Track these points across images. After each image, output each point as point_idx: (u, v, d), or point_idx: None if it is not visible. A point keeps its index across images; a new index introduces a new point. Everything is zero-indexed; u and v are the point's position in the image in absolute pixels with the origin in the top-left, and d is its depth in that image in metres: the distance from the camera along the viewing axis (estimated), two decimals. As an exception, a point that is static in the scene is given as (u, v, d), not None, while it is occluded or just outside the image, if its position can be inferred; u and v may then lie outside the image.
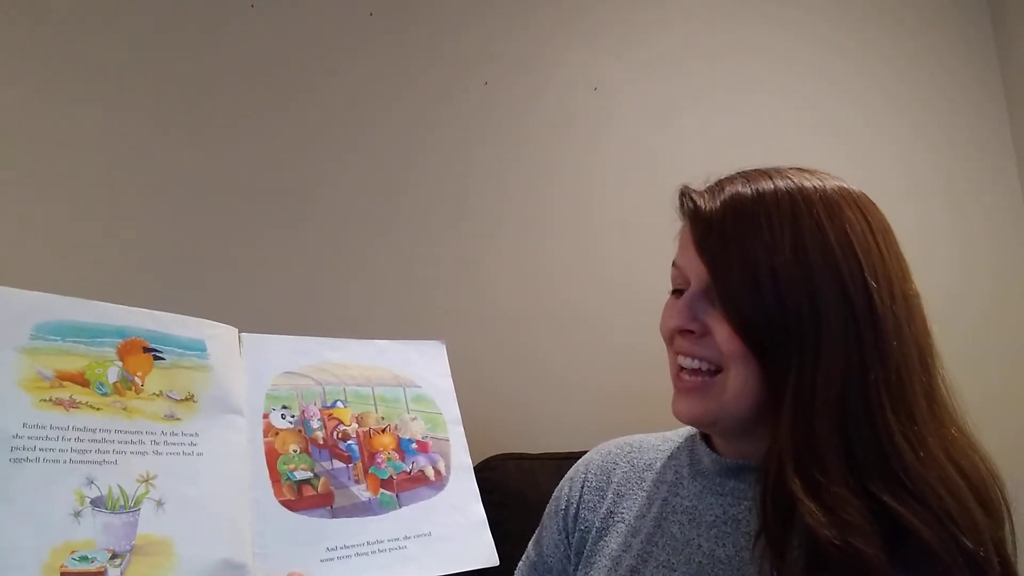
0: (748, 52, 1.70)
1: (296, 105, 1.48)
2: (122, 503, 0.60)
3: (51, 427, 0.59)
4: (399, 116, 1.52)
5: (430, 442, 0.80)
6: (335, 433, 0.74)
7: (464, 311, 1.49)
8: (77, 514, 0.58)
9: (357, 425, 0.76)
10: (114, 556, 0.58)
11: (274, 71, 1.48)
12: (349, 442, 0.75)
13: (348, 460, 0.74)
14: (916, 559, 0.58)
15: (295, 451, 0.71)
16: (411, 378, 0.83)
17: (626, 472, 0.82)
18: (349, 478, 0.73)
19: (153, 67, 1.43)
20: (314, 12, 1.51)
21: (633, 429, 0.92)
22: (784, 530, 0.61)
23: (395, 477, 0.75)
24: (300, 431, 0.73)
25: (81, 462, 0.59)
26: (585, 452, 0.90)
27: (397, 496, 0.74)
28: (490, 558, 0.76)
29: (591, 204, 1.58)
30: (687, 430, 0.82)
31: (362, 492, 0.73)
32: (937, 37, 1.81)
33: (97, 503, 0.59)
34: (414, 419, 0.80)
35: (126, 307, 0.67)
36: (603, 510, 0.80)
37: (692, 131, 1.63)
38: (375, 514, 0.72)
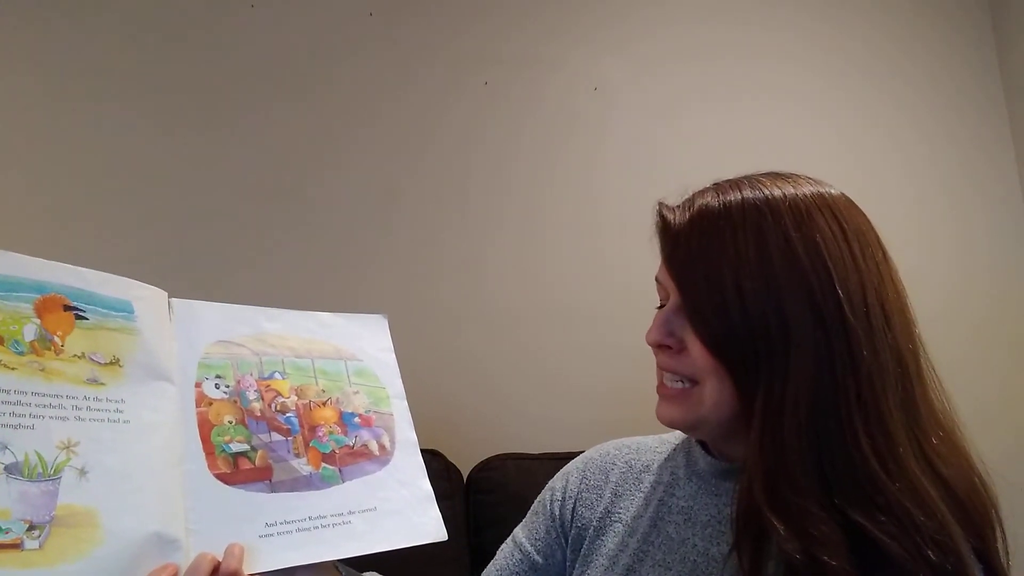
0: (749, 52, 1.70)
1: (296, 105, 1.48)
2: (40, 471, 0.55)
3: None
4: (399, 116, 1.52)
5: (373, 416, 0.76)
6: (273, 405, 0.71)
7: (464, 311, 1.49)
8: None
9: (296, 397, 0.72)
10: (32, 527, 0.53)
11: (274, 71, 1.48)
12: (288, 415, 0.71)
13: (287, 433, 0.70)
14: (889, 572, 0.58)
15: (230, 422, 0.67)
16: (352, 352, 0.79)
17: (624, 472, 0.82)
18: (288, 451, 0.69)
19: (152, 66, 1.43)
20: (314, 12, 1.51)
21: (633, 429, 0.92)
22: (758, 543, 0.61)
23: (337, 451, 0.72)
24: (236, 402, 0.69)
25: None
26: (584, 452, 0.90)
27: (340, 471, 0.71)
28: (438, 533, 0.74)
29: (591, 204, 1.58)
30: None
31: (303, 466, 0.69)
32: (937, 37, 1.81)
33: (12, 470, 0.54)
34: (356, 393, 0.76)
35: (45, 261, 0.62)
36: (600, 509, 0.80)
37: (692, 131, 1.63)
38: (317, 489, 0.69)
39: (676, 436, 0.84)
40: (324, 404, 0.74)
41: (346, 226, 1.47)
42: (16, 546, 0.53)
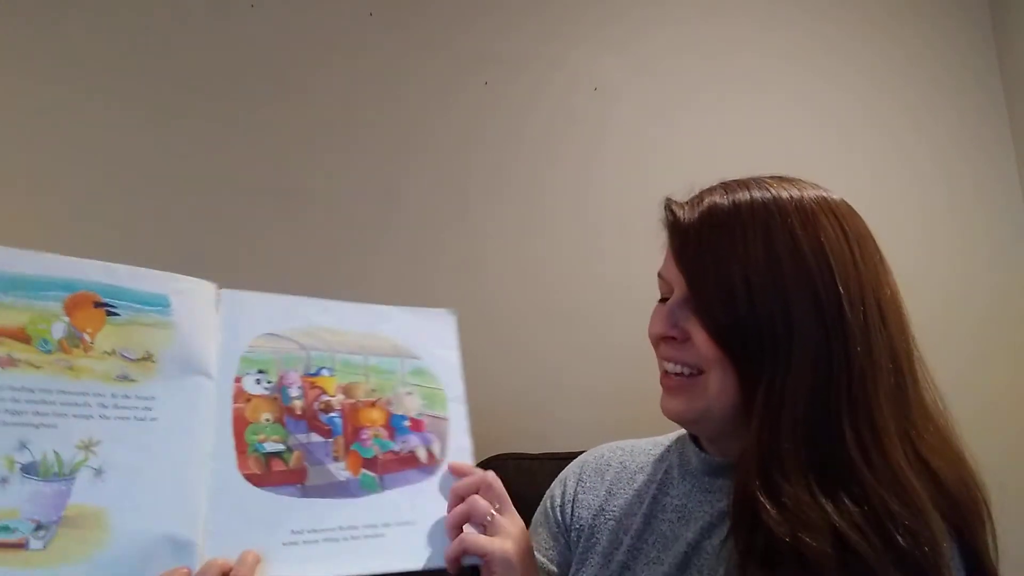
0: (749, 51, 1.70)
1: (296, 105, 1.48)
2: (56, 470, 0.55)
3: None
4: (399, 116, 1.52)
5: (425, 420, 0.71)
6: (316, 404, 0.67)
7: (464, 311, 1.49)
8: (4, 481, 0.53)
9: (343, 396, 0.68)
10: (39, 527, 0.53)
11: (274, 70, 1.48)
12: (331, 414, 0.67)
13: (328, 434, 0.66)
14: (855, 560, 0.60)
15: (267, 420, 0.64)
16: (411, 348, 0.74)
17: (618, 473, 0.84)
18: (327, 454, 0.65)
19: (153, 66, 1.43)
20: (314, 12, 1.51)
21: (633, 428, 0.92)
22: (750, 529, 0.63)
23: (380, 457, 0.67)
24: (276, 399, 0.65)
25: (14, 424, 0.55)
26: (581, 455, 0.91)
27: (380, 478, 0.66)
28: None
29: (591, 204, 1.58)
30: (677, 434, 0.84)
31: (340, 471, 0.65)
32: (937, 37, 1.81)
33: (28, 469, 0.54)
34: (409, 394, 0.72)
35: (77, 259, 0.61)
36: (596, 508, 0.81)
37: (693, 131, 1.63)
38: (352, 496, 0.64)
39: (669, 438, 0.85)
40: (373, 405, 0.70)
41: (345, 226, 1.47)
42: (20, 546, 0.53)
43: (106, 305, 0.61)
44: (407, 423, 0.70)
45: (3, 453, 0.54)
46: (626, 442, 0.88)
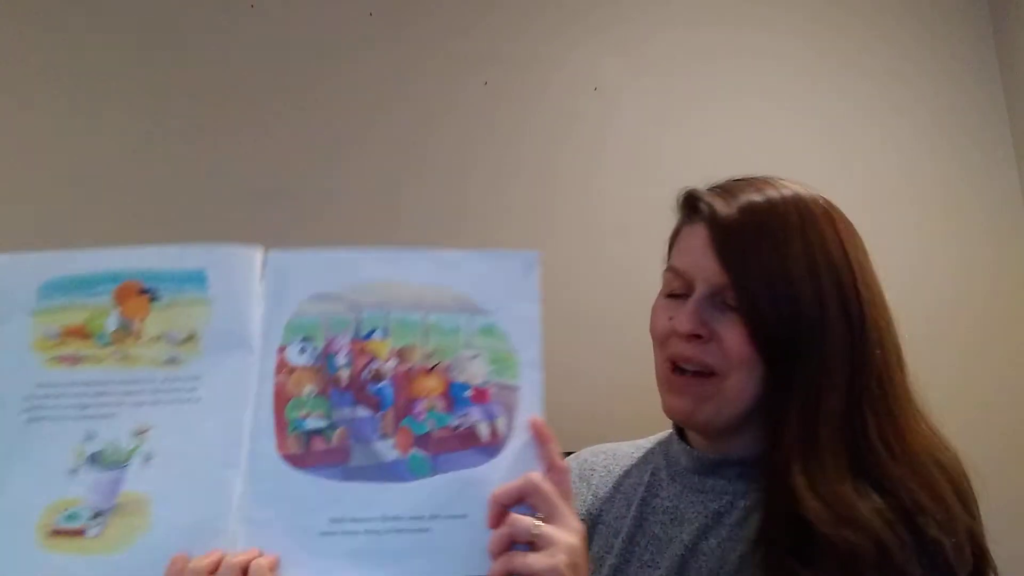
0: (749, 54, 1.70)
1: (296, 105, 1.48)
2: (115, 459, 0.57)
3: (57, 385, 0.58)
4: (399, 116, 1.52)
5: (491, 390, 0.61)
6: (365, 372, 0.59)
7: (464, 311, 1.49)
8: (74, 471, 0.56)
9: (397, 361, 0.60)
10: (97, 515, 0.55)
11: (274, 71, 1.48)
12: (382, 384, 0.59)
13: (377, 407, 0.58)
14: (888, 553, 0.61)
15: (310, 393, 0.58)
16: (482, 301, 0.62)
17: (603, 477, 0.83)
18: (374, 430, 0.58)
19: (151, 67, 1.43)
20: (314, 12, 1.51)
21: (634, 427, 0.92)
22: (783, 524, 0.63)
23: (435, 433, 0.58)
24: (320, 368, 0.59)
25: (83, 418, 0.57)
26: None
27: (433, 458, 0.58)
28: None
29: (591, 204, 1.58)
30: (658, 436, 0.83)
31: (388, 450, 0.58)
32: (937, 37, 1.81)
33: (95, 459, 0.56)
34: (475, 357, 0.61)
35: (117, 249, 0.61)
36: (583, 514, 0.80)
37: (693, 131, 1.63)
38: (401, 480, 0.57)
39: (650, 440, 0.84)
40: (430, 371, 0.60)
41: (345, 226, 1.47)
42: (80, 533, 0.55)
43: (149, 291, 0.61)
44: (469, 393, 0.60)
45: (73, 445, 0.57)
46: (606, 445, 0.88)
